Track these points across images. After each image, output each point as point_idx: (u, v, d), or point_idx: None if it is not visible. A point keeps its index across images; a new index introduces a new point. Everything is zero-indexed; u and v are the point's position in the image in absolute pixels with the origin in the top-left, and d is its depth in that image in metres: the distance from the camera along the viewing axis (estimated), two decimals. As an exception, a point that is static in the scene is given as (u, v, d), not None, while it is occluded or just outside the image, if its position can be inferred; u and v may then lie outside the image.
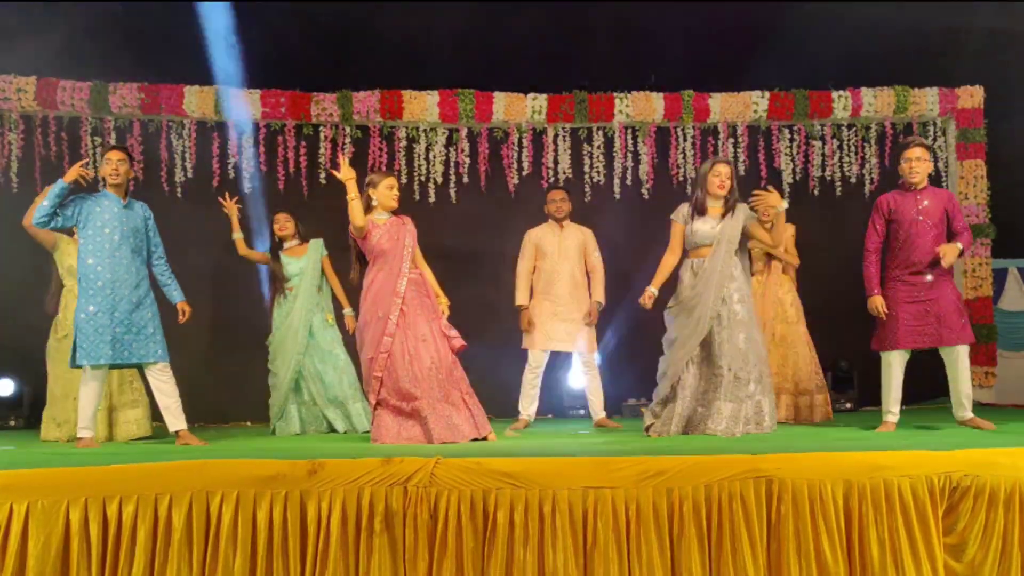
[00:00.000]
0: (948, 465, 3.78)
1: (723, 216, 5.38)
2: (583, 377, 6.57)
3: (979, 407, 8.04)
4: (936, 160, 8.71)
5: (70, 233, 5.66)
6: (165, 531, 3.56)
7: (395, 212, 5.51)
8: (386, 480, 3.66)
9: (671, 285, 5.57)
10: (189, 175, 8.16)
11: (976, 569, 3.71)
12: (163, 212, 7.64)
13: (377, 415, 5.27)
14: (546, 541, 3.59)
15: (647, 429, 5.39)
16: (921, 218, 5.32)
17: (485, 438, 5.23)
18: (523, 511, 3.60)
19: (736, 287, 5.31)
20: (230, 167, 8.20)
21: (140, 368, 5.54)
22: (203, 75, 7.96)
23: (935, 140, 8.71)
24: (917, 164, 5.39)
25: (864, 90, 8.52)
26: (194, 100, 8.08)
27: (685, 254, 5.50)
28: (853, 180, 8.64)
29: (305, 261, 6.67)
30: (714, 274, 5.27)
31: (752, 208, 5.38)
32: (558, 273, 6.48)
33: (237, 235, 6.74)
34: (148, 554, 3.54)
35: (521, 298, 6.57)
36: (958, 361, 5.32)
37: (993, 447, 4.02)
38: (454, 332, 5.41)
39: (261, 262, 6.82)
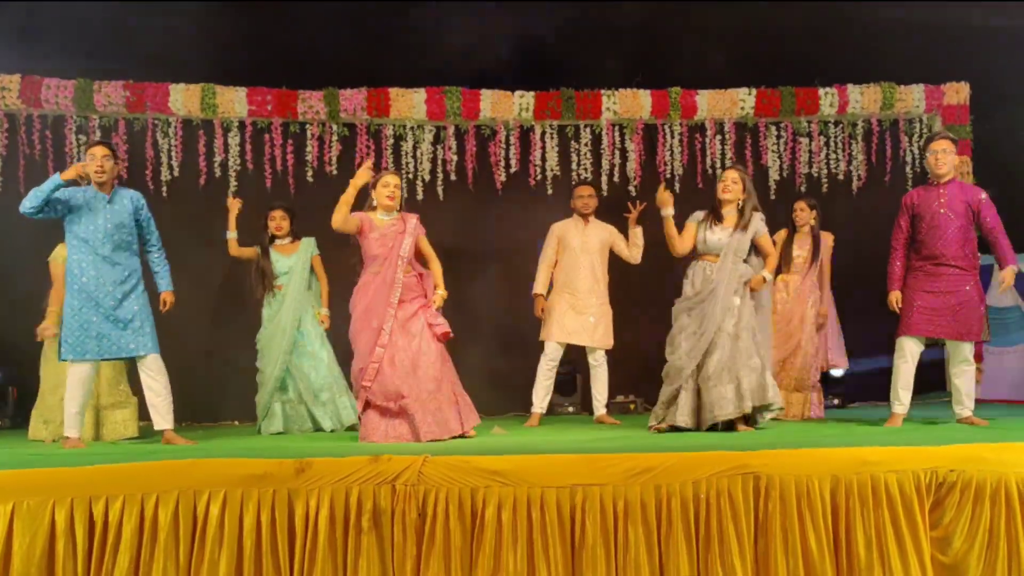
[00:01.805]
0: (934, 460, 3.80)
1: (735, 228, 5.47)
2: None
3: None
4: (922, 157, 8.76)
5: None
6: (151, 531, 3.55)
7: (402, 210, 5.45)
8: (374, 478, 3.66)
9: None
10: (175, 174, 8.11)
11: (962, 562, 3.74)
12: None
13: (365, 415, 5.24)
14: (535, 539, 3.60)
15: (652, 428, 5.48)
16: (943, 211, 5.37)
17: (464, 434, 5.24)
18: (511, 509, 3.61)
19: (739, 288, 5.44)
20: (216, 165, 8.17)
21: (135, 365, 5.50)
22: (189, 72, 7.94)
23: (921, 137, 8.74)
24: (943, 156, 5.42)
25: (850, 87, 8.54)
26: (180, 98, 8.03)
27: (695, 252, 5.58)
28: (840, 177, 8.65)
29: (295, 259, 6.61)
30: (720, 285, 5.37)
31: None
32: (579, 268, 6.57)
33: (232, 235, 6.65)
34: (134, 554, 3.53)
35: (538, 287, 6.66)
36: (964, 357, 5.40)
37: (979, 442, 4.05)
38: (440, 320, 5.35)
39: (251, 259, 6.75)
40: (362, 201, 5.40)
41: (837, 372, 7.39)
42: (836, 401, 7.73)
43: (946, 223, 5.36)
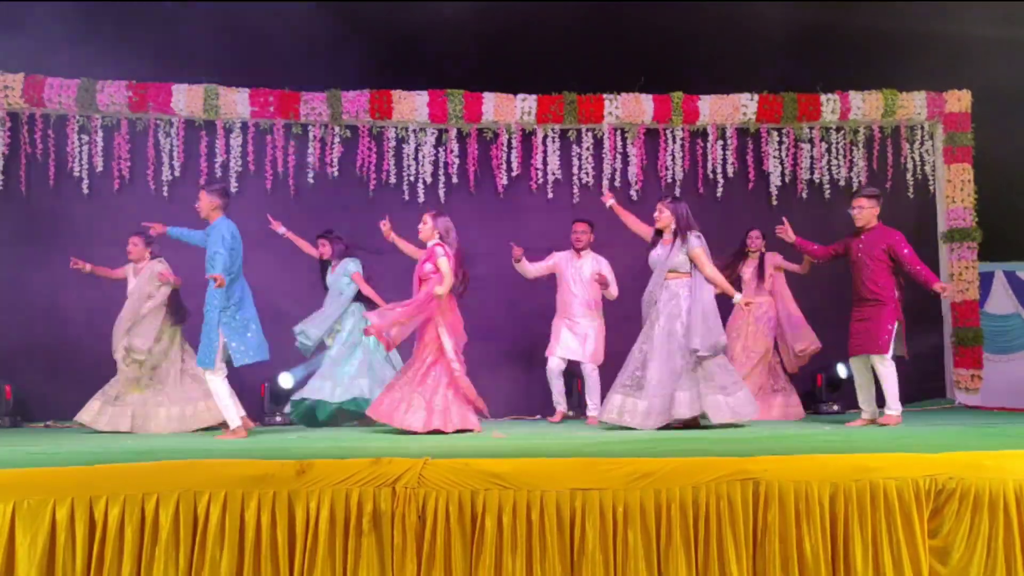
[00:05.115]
0: (933, 467, 3.80)
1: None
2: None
3: (966, 409, 8.11)
4: (923, 164, 8.77)
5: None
6: (152, 531, 3.55)
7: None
8: (374, 481, 3.66)
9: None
10: (177, 174, 8.13)
11: (961, 574, 3.72)
12: (149, 211, 7.62)
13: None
14: (534, 543, 3.60)
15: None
16: (861, 256, 6.13)
17: (415, 432, 5.76)
18: (511, 513, 3.61)
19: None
20: (218, 166, 8.17)
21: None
22: (191, 73, 7.96)
23: (922, 144, 8.76)
24: (857, 212, 6.21)
25: (852, 93, 8.55)
26: (182, 98, 8.04)
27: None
28: (841, 183, 8.67)
29: (331, 279, 7.15)
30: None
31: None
32: (573, 296, 7.11)
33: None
34: (135, 554, 3.53)
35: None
36: (875, 367, 6.06)
37: (978, 450, 4.04)
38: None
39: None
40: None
41: (842, 373, 7.49)
42: (836, 407, 7.73)
43: (859, 269, 6.12)
